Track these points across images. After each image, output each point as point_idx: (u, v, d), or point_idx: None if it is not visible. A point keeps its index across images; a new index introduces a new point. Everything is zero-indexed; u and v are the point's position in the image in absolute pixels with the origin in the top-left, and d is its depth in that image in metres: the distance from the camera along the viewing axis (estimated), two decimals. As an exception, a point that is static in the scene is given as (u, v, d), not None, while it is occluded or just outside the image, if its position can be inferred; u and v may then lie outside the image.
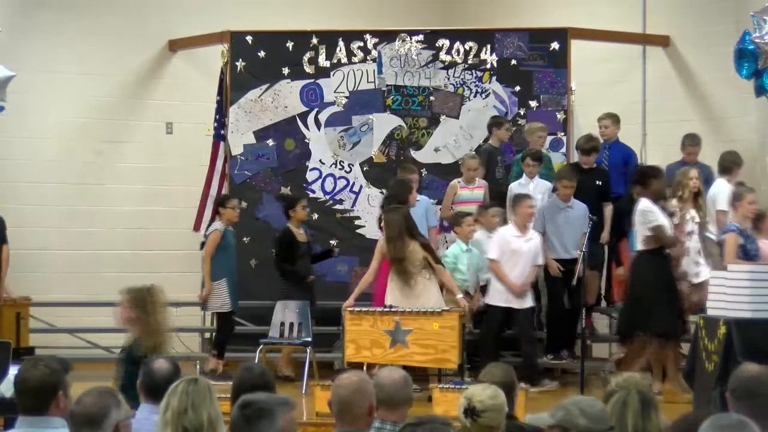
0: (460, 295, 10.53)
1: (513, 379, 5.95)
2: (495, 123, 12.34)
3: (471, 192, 11.79)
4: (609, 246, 11.86)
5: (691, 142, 11.99)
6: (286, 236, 11.83)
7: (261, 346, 11.36)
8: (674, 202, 10.73)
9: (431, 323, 10.09)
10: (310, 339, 11.38)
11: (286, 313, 11.68)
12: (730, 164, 11.35)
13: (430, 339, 10.08)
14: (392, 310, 10.36)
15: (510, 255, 11.00)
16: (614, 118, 12.39)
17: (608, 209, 11.77)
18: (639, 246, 10.56)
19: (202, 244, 12.09)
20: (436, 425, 4.07)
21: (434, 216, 11.82)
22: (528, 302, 11.10)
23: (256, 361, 10.90)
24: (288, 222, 11.91)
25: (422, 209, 11.46)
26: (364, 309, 10.45)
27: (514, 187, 11.87)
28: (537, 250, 11.06)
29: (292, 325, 11.58)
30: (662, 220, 10.45)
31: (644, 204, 10.50)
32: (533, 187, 11.76)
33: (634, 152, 12.47)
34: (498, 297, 11.06)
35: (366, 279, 10.89)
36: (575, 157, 12.54)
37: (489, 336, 11.14)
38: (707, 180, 11.57)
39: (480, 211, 11.54)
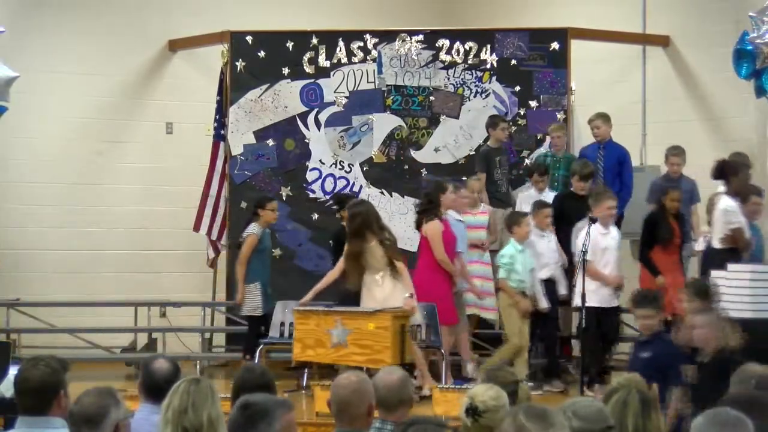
0: (407, 294, 10.40)
1: (517, 380, 5.94)
2: (491, 123, 12.33)
3: (474, 217, 11.62)
4: (642, 256, 11.48)
5: (674, 152, 11.83)
6: (343, 235, 11.55)
7: (261, 346, 11.35)
8: None
9: (367, 323, 10.14)
10: (310, 339, 11.36)
11: (286, 313, 11.67)
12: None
13: (367, 339, 10.10)
14: (333, 309, 10.41)
15: (602, 253, 10.78)
16: (605, 118, 12.25)
17: None
18: (715, 243, 10.34)
19: (239, 245, 11.84)
20: (428, 425, 4.08)
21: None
22: (616, 301, 10.91)
23: (256, 361, 10.91)
24: (343, 221, 11.71)
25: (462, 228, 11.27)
26: (309, 308, 10.50)
27: (523, 198, 11.80)
28: (619, 244, 10.93)
29: (292, 324, 11.56)
30: (742, 220, 10.29)
31: (726, 203, 10.27)
32: (544, 197, 11.69)
33: (627, 152, 12.38)
34: (592, 298, 10.59)
35: (329, 277, 10.74)
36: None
37: (592, 339, 10.65)
38: (692, 197, 11.46)
39: (533, 210, 11.31)
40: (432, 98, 12.91)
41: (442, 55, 12.91)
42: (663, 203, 11.08)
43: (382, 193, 12.78)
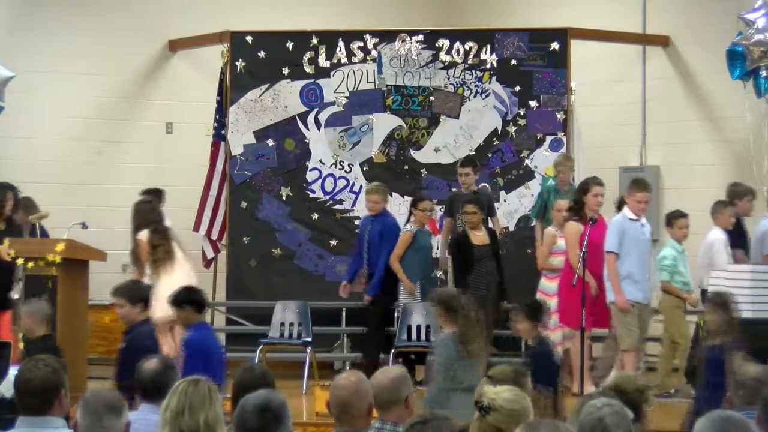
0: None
1: (519, 381, 5.92)
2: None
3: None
4: None
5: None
6: (461, 239, 11.45)
7: (261, 346, 11.35)
8: None
9: None
10: (310, 339, 11.38)
11: (286, 313, 11.67)
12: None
13: None
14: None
15: None
16: (379, 191, 11.76)
17: None
18: None
19: None
20: (440, 422, 4.10)
21: None
22: None
23: (257, 361, 10.91)
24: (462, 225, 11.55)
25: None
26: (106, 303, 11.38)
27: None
28: None
29: (292, 324, 11.58)
30: None
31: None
32: None
33: (396, 224, 11.77)
34: None
35: None
36: (575, 158, 12.54)
37: None
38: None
39: (716, 208, 10.97)
40: (432, 98, 12.91)
41: (442, 55, 12.91)
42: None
43: (382, 193, 12.77)
